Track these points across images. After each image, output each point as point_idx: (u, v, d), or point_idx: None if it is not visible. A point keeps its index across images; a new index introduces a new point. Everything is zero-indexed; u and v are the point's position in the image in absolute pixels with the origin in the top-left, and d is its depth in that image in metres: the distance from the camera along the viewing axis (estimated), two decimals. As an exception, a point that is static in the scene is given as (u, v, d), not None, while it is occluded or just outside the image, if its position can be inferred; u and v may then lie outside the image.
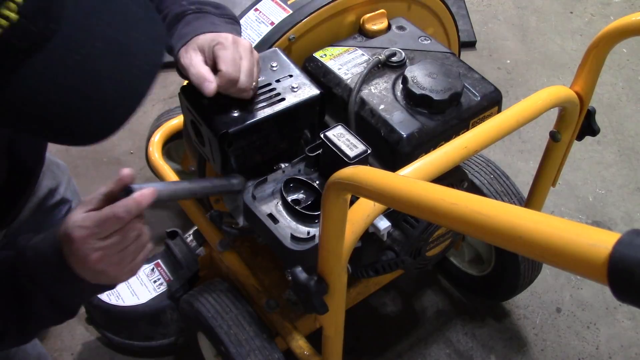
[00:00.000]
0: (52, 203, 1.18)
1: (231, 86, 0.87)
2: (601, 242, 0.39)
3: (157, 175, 1.41)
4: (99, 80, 0.53)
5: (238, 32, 0.95)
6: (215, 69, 0.87)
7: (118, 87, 0.54)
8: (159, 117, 1.61)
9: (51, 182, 1.18)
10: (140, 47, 0.56)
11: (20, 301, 0.71)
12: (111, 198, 0.73)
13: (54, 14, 0.50)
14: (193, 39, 0.88)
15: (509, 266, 1.37)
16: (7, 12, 0.45)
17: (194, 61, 0.86)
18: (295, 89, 0.97)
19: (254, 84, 0.91)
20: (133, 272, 0.75)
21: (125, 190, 0.74)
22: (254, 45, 1.06)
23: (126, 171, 0.73)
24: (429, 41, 1.11)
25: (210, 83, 0.85)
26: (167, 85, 2.16)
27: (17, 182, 0.86)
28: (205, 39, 0.88)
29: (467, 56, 2.29)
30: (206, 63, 0.88)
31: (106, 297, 1.35)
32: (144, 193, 0.73)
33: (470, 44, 2.37)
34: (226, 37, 0.88)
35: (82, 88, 0.52)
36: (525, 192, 1.35)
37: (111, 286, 0.77)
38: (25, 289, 0.70)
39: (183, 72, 0.89)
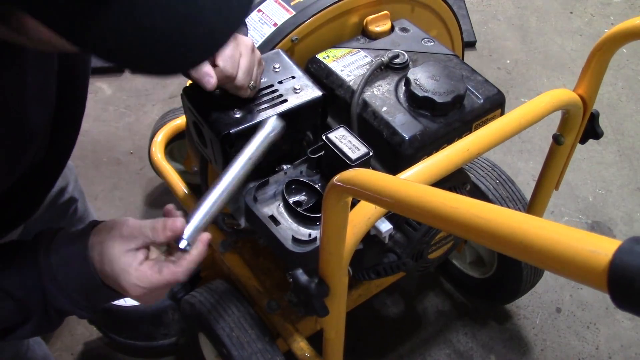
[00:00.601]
0: (62, 201, 1.20)
1: (228, 82, 0.89)
2: (601, 249, 0.39)
3: (160, 176, 1.41)
4: (201, 5, 0.52)
5: (244, 32, 0.95)
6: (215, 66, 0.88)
7: (219, 16, 0.53)
8: (162, 117, 1.61)
9: (61, 181, 1.20)
10: None
11: (44, 297, 0.71)
12: (153, 245, 0.74)
13: None
14: None
15: (511, 270, 1.38)
16: None
17: None
18: (297, 91, 0.97)
19: (252, 82, 0.92)
20: (153, 301, 0.77)
21: (177, 240, 0.75)
22: (257, 46, 1.06)
23: (179, 224, 0.74)
24: (432, 43, 1.11)
25: (210, 78, 0.86)
26: (167, 85, 2.16)
27: (53, 162, 0.87)
28: None
29: (467, 56, 2.29)
30: (210, 62, 0.88)
31: (107, 297, 1.35)
32: (201, 251, 0.76)
33: (470, 44, 2.37)
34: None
35: (187, 11, 0.51)
36: (525, 192, 1.35)
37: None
38: (50, 294, 0.71)
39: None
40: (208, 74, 0.86)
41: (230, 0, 0.54)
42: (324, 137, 0.93)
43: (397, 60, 1.05)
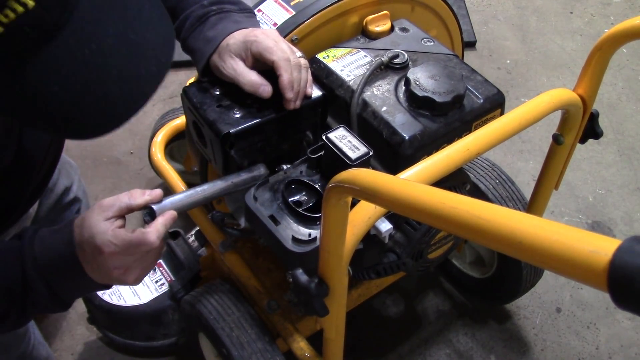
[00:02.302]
0: (66, 201, 1.21)
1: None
2: (601, 248, 0.39)
3: (160, 176, 1.41)
4: (106, 77, 0.52)
5: (258, 25, 0.97)
6: (252, 67, 0.90)
7: (124, 86, 0.53)
8: (162, 117, 1.61)
9: (66, 180, 1.20)
10: (150, 47, 0.55)
11: (24, 288, 0.73)
12: (131, 210, 0.77)
13: (69, 4, 0.49)
14: (223, 43, 0.90)
15: (511, 270, 1.38)
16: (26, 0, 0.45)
17: (239, 69, 0.89)
18: (297, 91, 0.97)
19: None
20: (140, 280, 0.79)
21: (147, 208, 0.80)
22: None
23: (157, 192, 0.79)
24: (432, 43, 1.11)
25: (265, 86, 0.89)
26: (167, 85, 2.16)
27: (23, 168, 0.88)
28: (235, 41, 0.90)
29: (467, 56, 2.29)
30: (247, 67, 0.90)
31: (108, 297, 1.35)
32: (168, 218, 0.79)
33: (470, 44, 2.37)
34: (255, 33, 0.90)
35: (88, 83, 0.51)
36: (525, 192, 1.35)
37: (108, 286, 0.80)
38: (30, 278, 0.72)
39: (226, 80, 0.92)
40: (262, 84, 0.89)
41: (140, 72, 0.53)
42: (323, 137, 0.93)
43: (397, 60, 1.05)
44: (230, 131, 0.91)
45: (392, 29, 1.14)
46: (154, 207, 0.81)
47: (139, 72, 0.54)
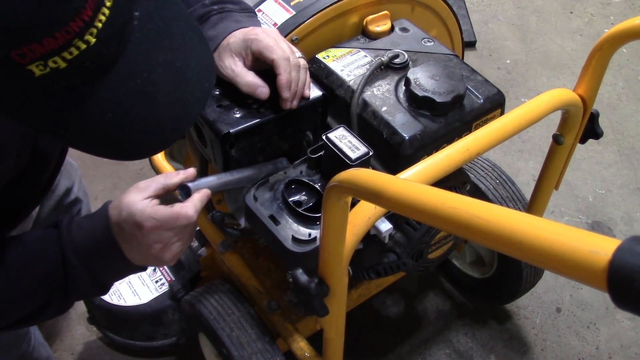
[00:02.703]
0: (68, 202, 1.21)
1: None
2: (601, 248, 0.39)
3: (159, 176, 1.41)
4: (155, 103, 0.55)
5: (259, 24, 0.97)
6: (252, 66, 0.90)
7: (171, 111, 0.56)
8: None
9: (67, 181, 1.21)
10: (195, 73, 0.58)
11: (65, 273, 0.74)
12: (167, 189, 0.80)
13: (124, 39, 0.51)
14: (223, 43, 0.90)
15: (511, 270, 1.37)
16: (88, 37, 0.46)
17: (237, 70, 0.90)
18: (297, 91, 0.97)
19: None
20: (176, 259, 0.81)
21: (182, 187, 0.83)
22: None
23: (191, 171, 0.83)
24: (432, 43, 1.11)
25: (263, 88, 0.90)
26: (167, 84, 2.16)
27: (36, 170, 0.89)
28: (236, 39, 0.90)
29: (467, 56, 2.29)
30: (247, 66, 0.90)
31: (108, 297, 1.35)
32: (203, 195, 0.82)
33: (470, 44, 2.37)
34: (255, 32, 0.90)
35: (139, 110, 0.54)
36: (525, 192, 1.35)
37: (144, 268, 0.82)
38: (70, 263, 0.74)
39: (225, 80, 0.92)
40: (259, 86, 0.89)
41: (186, 98, 0.56)
42: (324, 137, 0.92)
43: (397, 60, 1.05)
44: (230, 131, 0.91)
45: (392, 29, 1.14)
46: (190, 185, 0.83)
47: (185, 98, 0.57)
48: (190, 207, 0.78)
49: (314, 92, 0.97)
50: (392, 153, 0.96)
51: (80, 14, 0.45)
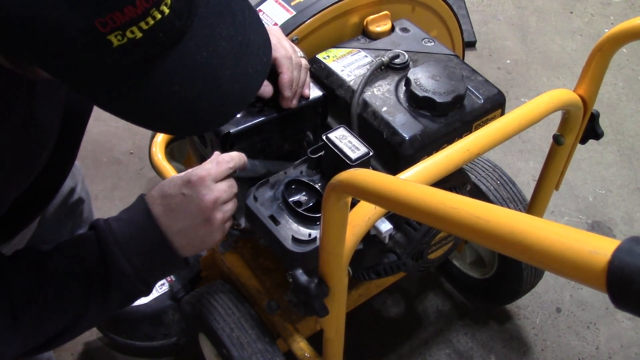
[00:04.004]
0: (72, 202, 1.21)
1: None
2: (600, 249, 0.39)
3: (160, 176, 1.41)
4: (220, 76, 0.56)
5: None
6: None
7: (235, 84, 0.57)
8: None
9: (71, 181, 1.21)
10: (255, 48, 0.59)
11: (106, 270, 0.72)
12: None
13: (192, 12, 0.52)
14: None
15: (511, 271, 1.37)
16: (163, 7, 0.47)
17: None
18: (297, 91, 0.97)
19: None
20: (223, 232, 0.80)
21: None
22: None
23: (239, 154, 0.84)
24: (433, 43, 1.11)
25: (267, 86, 0.90)
26: (168, 84, 2.16)
27: (59, 163, 0.89)
28: None
29: (467, 56, 2.28)
30: None
31: (107, 297, 1.35)
32: (240, 154, 0.83)
33: (470, 44, 2.37)
34: None
35: (205, 82, 0.55)
36: (524, 192, 1.35)
37: (187, 262, 0.79)
38: (112, 255, 0.72)
39: None
40: (264, 84, 0.89)
41: (248, 71, 0.58)
42: (324, 137, 0.93)
43: (397, 61, 1.05)
44: (231, 131, 0.91)
45: (392, 29, 1.14)
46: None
47: (247, 71, 0.58)
48: (226, 155, 0.80)
49: (314, 92, 0.98)
50: (392, 153, 0.96)
51: None
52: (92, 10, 0.45)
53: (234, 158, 0.81)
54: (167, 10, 0.48)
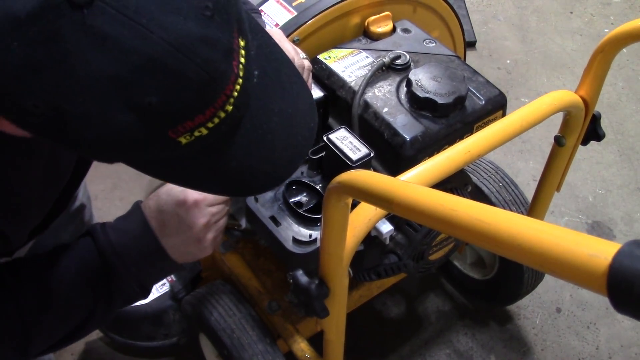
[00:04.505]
0: (74, 209, 1.21)
1: None
2: (601, 252, 0.38)
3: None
4: (274, 149, 0.60)
5: (264, 25, 0.97)
6: None
7: (286, 154, 0.62)
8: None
9: None
10: (302, 116, 0.63)
11: (108, 280, 0.75)
12: None
13: (249, 98, 0.56)
14: None
15: (512, 272, 1.37)
16: (227, 106, 0.51)
17: None
18: (299, 92, 0.97)
19: None
20: (214, 247, 0.81)
21: None
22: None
23: None
24: (434, 44, 1.11)
25: None
26: (168, 84, 2.15)
27: (81, 170, 0.91)
28: None
29: (467, 56, 2.28)
30: None
31: (108, 297, 1.35)
32: None
33: (471, 44, 2.37)
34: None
35: (260, 158, 0.59)
36: (525, 192, 1.35)
37: (180, 266, 0.82)
38: (113, 265, 0.75)
39: None
40: None
41: (297, 140, 0.62)
42: (325, 138, 0.93)
43: (398, 61, 1.05)
44: (232, 132, 0.91)
45: (393, 30, 1.14)
46: None
47: (297, 140, 0.62)
48: None
49: (316, 93, 0.98)
50: (393, 154, 0.96)
51: (224, 90, 0.50)
52: (166, 123, 0.49)
53: None
54: (230, 108, 0.52)
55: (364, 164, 0.91)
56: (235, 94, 0.52)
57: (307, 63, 0.93)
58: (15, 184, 0.66)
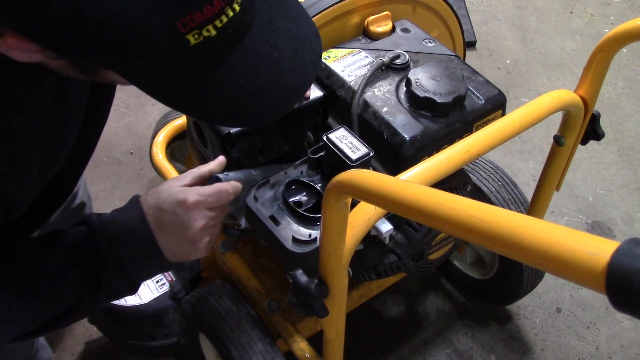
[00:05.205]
0: (74, 207, 1.21)
1: None
2: (600, 250, 0.39)
3: (161, 176, 1.41)
4: (281, 68, 0.58)
5: None
6: None
7: (293, 75, 0.60)
8: (164, 117, 1.61)
9: None
10: (308, 39, 0.61)
11: (98, 271, 0.74)
12: (202, 179, 0.83)
13: (254, 8, 0.55)
14: None
15: (512, 272, 1.37)
16: (235, 4, 0.50)
17: None
18: (298, 91, 0.97)
19: None
20: (207, 250, 0.82)
21: (214, 178, 0.86)
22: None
23: (221, 158, 0.86)
24: (434, 44, 1.11)
25: None
26: (168, 84, 2.15)
27: (77, 162, 0.90)
28: None
29: (467, 56, 2.28)
30: None
31: (108, 297, 1.35)
32: (239, 185, 0.84)
33: (471, 44, 2.37)
34: None
35: (267, 75, 0.57)
36: (524, 191, 1.35)
37: (172, 265, 0.82)
38: (105, 258, 0.74)
39: None
40: None
41: (304, 62, 0.60)
42: (324, 138, 0.92)
43: (398, 61, 1.05)
44: (231, 131, 0.91)
45: (393, 29, 1.14)
46: (220, 176, 0.86)
47: (304, 62, 0.60)
48: (227, 185, 0.81)
49: (315, 93, 0.98)
50: (392, 154, 0.96)
51: None
52: (175, 11, 0.47)
53: (236, 190, 0.83)
54: (237, 8, 0.51)
55: (363, 163, 0.90)
56: None
57: None
58: (16, 129, 0.62)
